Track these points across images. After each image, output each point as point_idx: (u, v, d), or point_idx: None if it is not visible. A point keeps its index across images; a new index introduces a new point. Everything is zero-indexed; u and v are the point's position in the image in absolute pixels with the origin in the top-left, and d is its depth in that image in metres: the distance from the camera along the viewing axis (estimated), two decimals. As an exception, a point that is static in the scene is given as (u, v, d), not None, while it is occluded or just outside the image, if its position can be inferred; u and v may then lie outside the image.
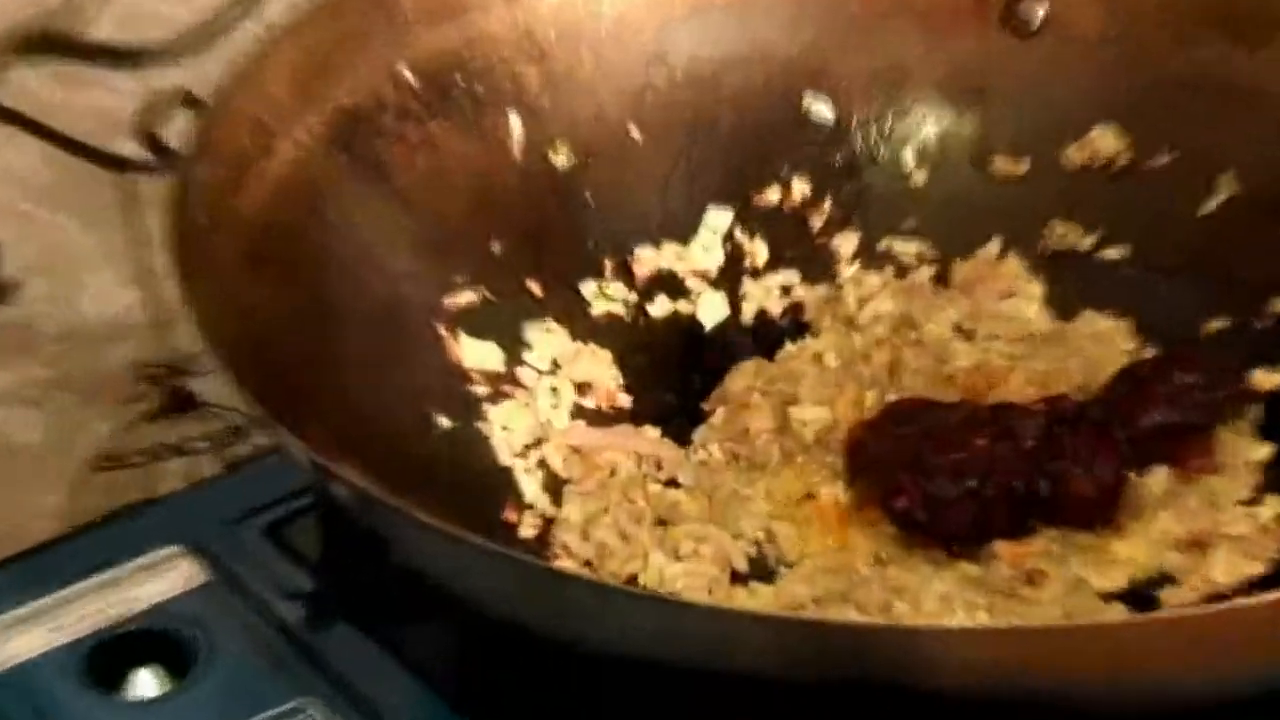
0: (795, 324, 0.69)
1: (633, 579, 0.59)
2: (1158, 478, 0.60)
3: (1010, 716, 0.46)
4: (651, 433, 0.65)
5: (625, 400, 0.66)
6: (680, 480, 0.63)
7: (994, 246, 0.69)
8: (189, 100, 0.63)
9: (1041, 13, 0.70)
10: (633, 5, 0.70)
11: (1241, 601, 0.53)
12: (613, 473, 0.63)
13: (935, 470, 0.58)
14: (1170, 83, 0.67)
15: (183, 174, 0.57)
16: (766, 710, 0.49)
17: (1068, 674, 0.44)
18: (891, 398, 0.64)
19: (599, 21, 0.70)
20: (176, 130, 0.61)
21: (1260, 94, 0.66)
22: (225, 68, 0.64)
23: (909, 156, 0.70)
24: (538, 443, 0.64)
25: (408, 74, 0.65)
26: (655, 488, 0.63)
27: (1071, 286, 0.69)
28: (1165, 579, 0.57)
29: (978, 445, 0.59)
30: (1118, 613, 0.56)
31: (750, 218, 0.69)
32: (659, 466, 0.64)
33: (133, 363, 0.82)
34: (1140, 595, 0.57)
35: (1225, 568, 0.57)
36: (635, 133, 0.68)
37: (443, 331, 0.64)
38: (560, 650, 0.52)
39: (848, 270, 0.70)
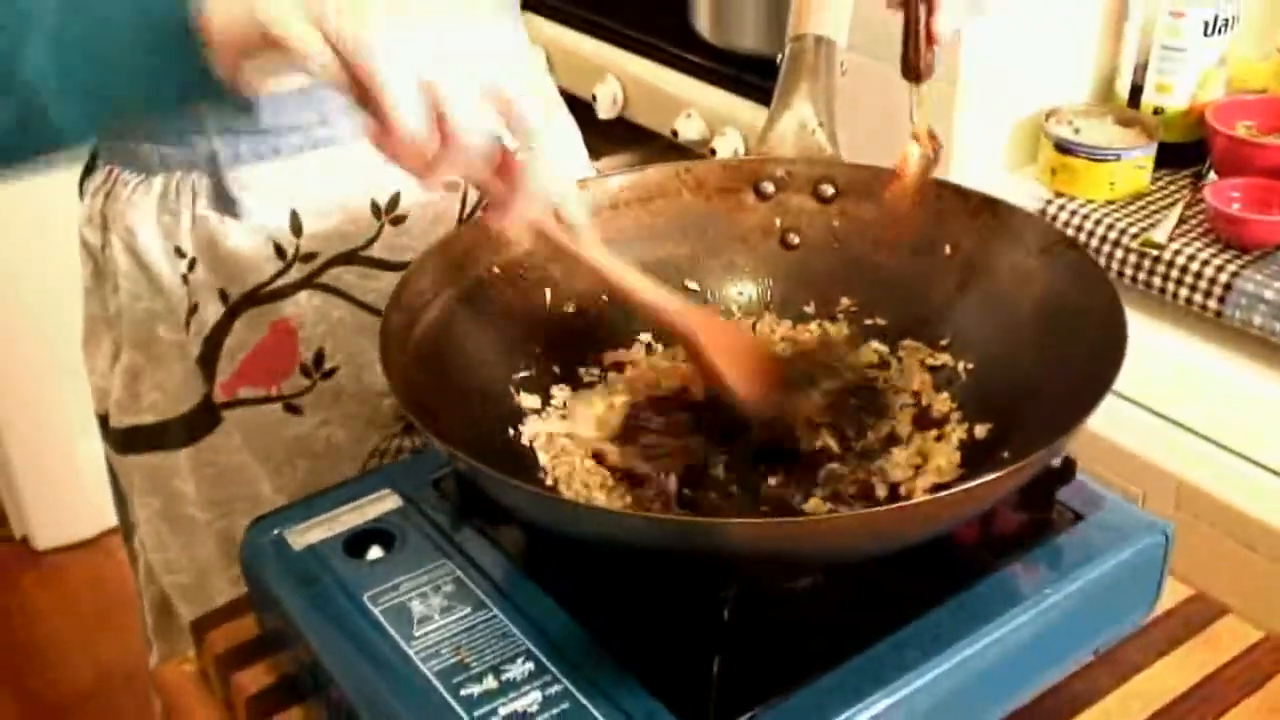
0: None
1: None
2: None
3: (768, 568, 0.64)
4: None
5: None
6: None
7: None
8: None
9: (797, 240, 0.83)
10: (604, 232, 0.76)
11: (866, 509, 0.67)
12: (564, 451, 0.74)
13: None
14: (860, 270, 0.82)
15: (385, 320, 0.69)
16: (647, 567, 0.64)
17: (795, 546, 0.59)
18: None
19: (587, 240, 0.75)
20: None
21: (905, 280, 0.80)
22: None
23: (733, 305, 0.84)
24: (548, 438, 0.74)
25: (496, 269, 0.77)
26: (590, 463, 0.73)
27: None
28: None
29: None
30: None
31: (660, 333, 0.80)
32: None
33: (391, 406, 0.92)
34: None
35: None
36: (604, 298, 0.79)
37: (511, 390, 0.76)
38: (560, 537, 0.66)
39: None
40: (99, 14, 0.58)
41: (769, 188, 0.83)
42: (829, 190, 0.82)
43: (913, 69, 0.71)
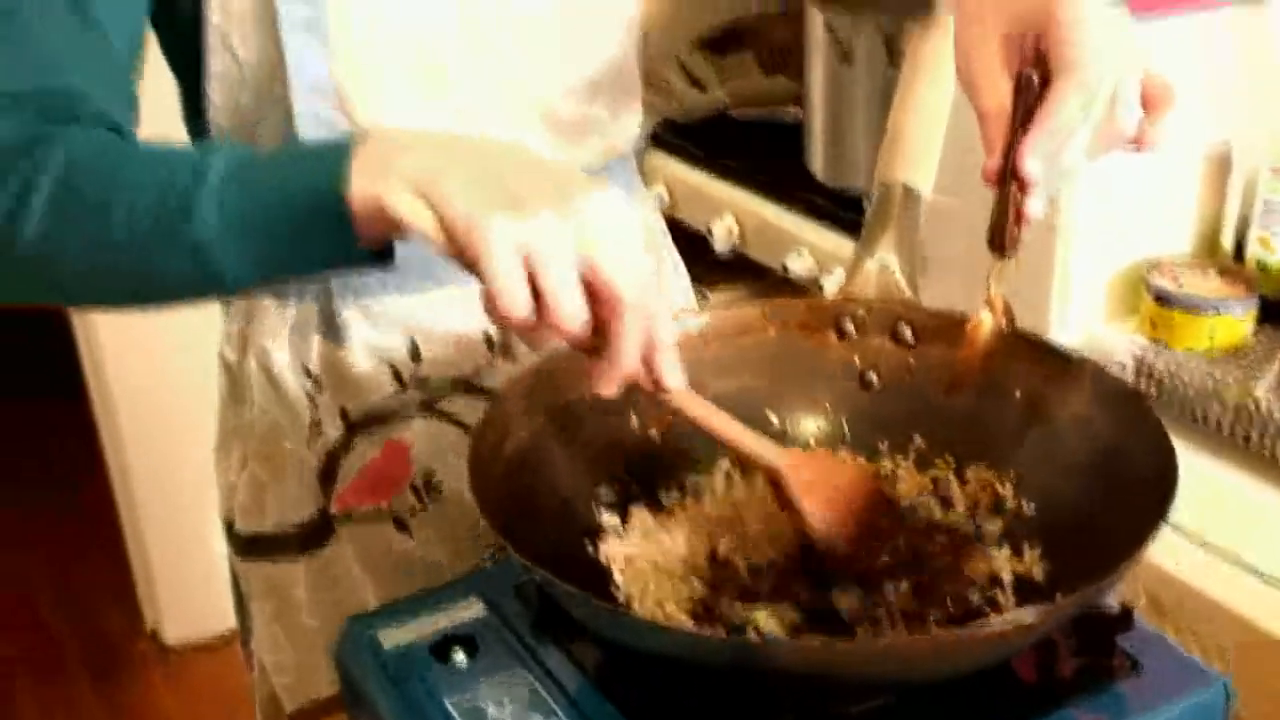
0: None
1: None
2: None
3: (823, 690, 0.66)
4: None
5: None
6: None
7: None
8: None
9: (875, 380, 0.86)
10: (690, 362, 0.72)
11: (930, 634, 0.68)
12: (640, 572, 0.75)
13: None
14: (932, 411, 0.84)
15: (476, 437, 0.73)
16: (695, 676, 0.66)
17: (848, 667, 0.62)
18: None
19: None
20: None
21: (975, 423, 0.82)
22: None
23: (810, 439, 0.86)
24: (626, 559, 0.76)
25: (585, 394, 0.72)
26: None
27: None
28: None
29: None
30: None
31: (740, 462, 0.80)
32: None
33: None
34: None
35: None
36: (688, 425, 0.73)
37: (592, 508, 0.79)
38: (620, 647, 0.69)
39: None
40: (253, 186, 0.65)
41: (850, 328, 0.85)
42: (907, 333, 0.84)
43: (998, 244, 0.73)
